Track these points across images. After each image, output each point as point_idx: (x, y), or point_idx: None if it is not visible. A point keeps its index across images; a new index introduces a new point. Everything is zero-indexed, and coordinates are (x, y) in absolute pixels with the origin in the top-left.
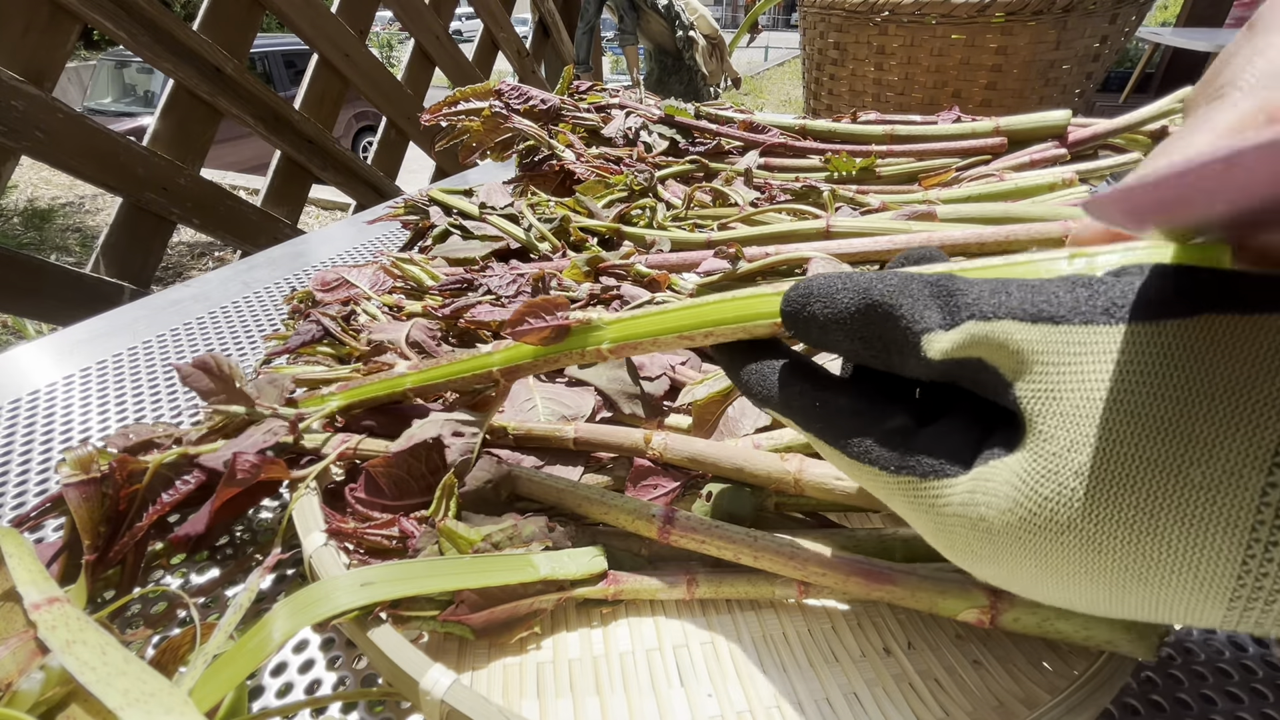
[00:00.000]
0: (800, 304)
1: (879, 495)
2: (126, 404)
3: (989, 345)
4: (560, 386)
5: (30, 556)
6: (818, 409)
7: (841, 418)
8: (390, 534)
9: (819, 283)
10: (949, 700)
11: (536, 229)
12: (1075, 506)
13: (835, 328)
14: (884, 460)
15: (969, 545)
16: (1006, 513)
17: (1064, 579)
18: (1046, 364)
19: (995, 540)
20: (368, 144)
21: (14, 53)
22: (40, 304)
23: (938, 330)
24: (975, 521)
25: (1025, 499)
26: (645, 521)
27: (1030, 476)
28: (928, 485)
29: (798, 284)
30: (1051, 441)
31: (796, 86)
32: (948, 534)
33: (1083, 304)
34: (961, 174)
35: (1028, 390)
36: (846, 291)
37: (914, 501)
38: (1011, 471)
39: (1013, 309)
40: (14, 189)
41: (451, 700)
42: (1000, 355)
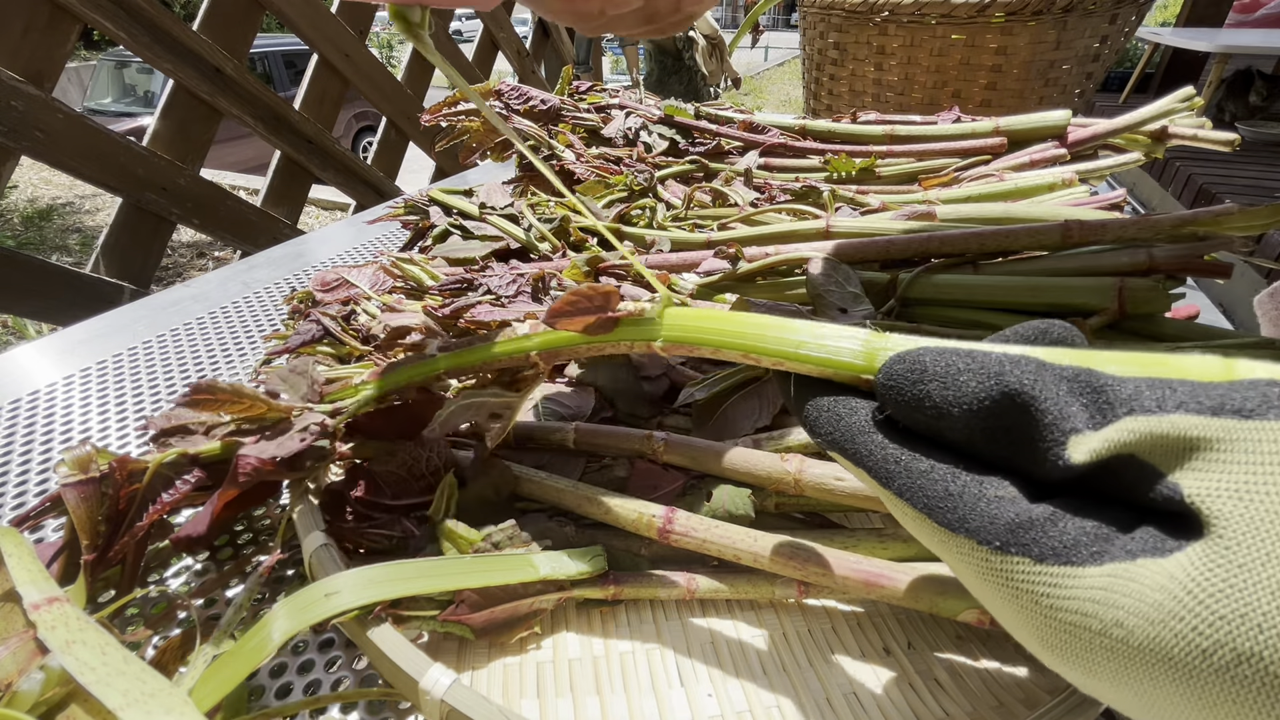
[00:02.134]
0: (909, 380)
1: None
2: (126, 404)
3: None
4: (560, 386)
5: (30, 556)
6: (901, 464)
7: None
8: (390, 534)
9: (933, 359)
10: (949, 700)
11: (536, 229)
12: (1265, 635)
13: (954, 415)
14: (986, 532)
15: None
16: (1157, 624)
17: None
18: (1233, 460)
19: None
20: (368, 144)
21: (14, 53)
22: (40, 304)
23: (1086, 431)
24: (1107, 627)
25: (1189, 613)
26: (646, 522)
27: (1204, 586)
28: (1043, 571)
29: (902, 355)
30: (1239, 549)
31: (796, 86)
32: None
33: (1275, 400)
34: (961, 174)
35: (1204, 485)
36: (972, 374)
37: (1017, 589)
38: (1171, 576)
39: (1183, 403)
40: (14, 189)
41: (452, 700)
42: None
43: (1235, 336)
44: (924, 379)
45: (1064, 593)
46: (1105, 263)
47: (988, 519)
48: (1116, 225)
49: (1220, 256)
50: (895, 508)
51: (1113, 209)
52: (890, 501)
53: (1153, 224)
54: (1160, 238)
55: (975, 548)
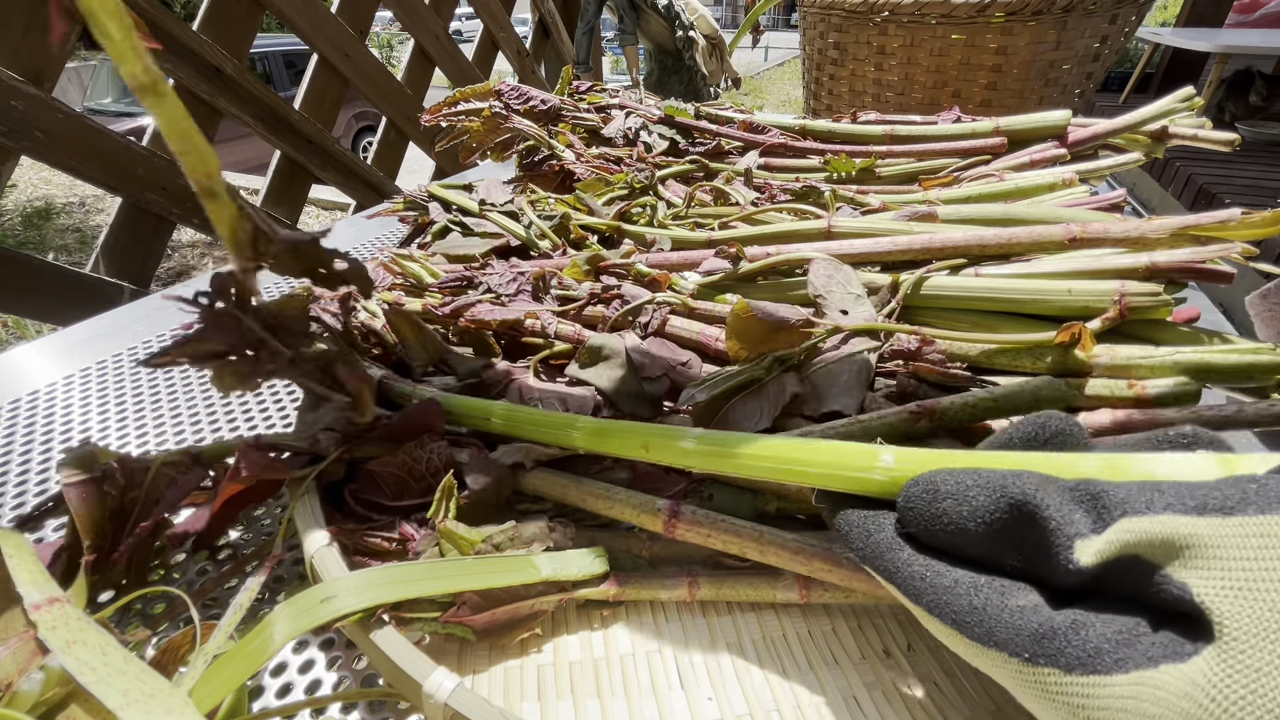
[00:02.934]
0: (926, 501)
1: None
2: (126, 404)
3: (1149, 542)
4: (561, 386)
5: (30, 557)
6: (927, 580)
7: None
8: (391, 535)
9: (944, 479)
10: (947, 704)
11: (537, 226)
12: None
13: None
14: (1015, 645)
15: None
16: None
17: None
18: (1223, 557)
19: None
20: (368, 144)
21: (14, 53)
22: (40, 304)
23: (1090, 535)
24: None
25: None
26: (651, 515)
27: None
28: (1073, 681)
29: (917, 479)
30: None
31: (796, 86)
32: None
33: (1252, 496)
34: (961, 174)
35: (1210, 587)
36: (981, 490)
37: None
38: (1194, 683)
39: (1170, 504)
40: (14, 189)
41: (455, 704)
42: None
43: (1233, 341)
44: (939, 498)
45: (1097, 701)
46: (1106, 265)
47: (1013, 630)
48: (1118, 231)
49: (1222, 262)
50: (927, 622)
51: (1113, 209)
52: (921, 616)
53: (1154, 229)
54: (1162, 244)
55: (1007, 659)
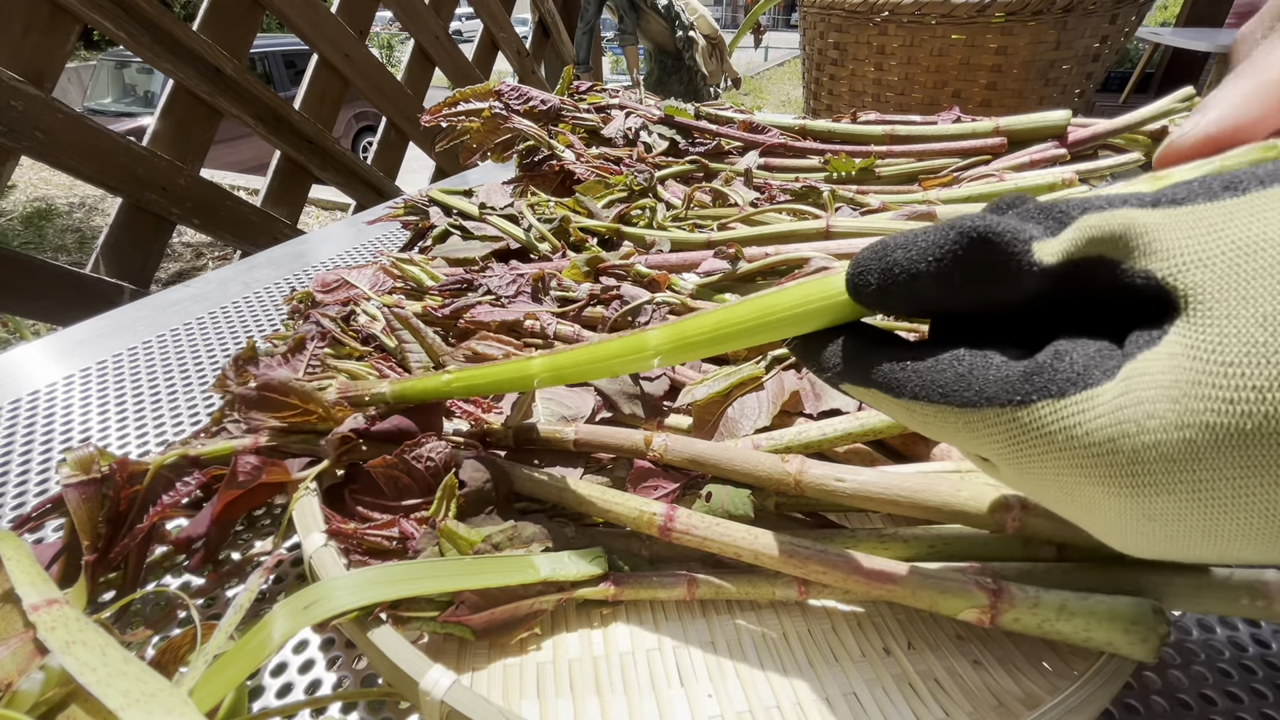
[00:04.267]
0: (876, 257)
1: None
2: (126, 404)
3: (1109, 237)
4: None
5: (29, 559)
6: (907, 369)
7: (941, 365)
8: (390, 535)
9: (894, 235)
10: (949, 700)
11: (536, 229)
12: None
13: (922, 273)
14: (1007, 393)
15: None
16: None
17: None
18: (1182, 239)
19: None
20: (368, 144)
21: (14, 53)
22: (40, 304)
23: (1046, 238)
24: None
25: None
26: (647, 520)
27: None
28: (1067, 404)
29: (866, 246)
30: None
31: (796, 86)
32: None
33: (1199, 187)
34: (961, 174)
35: (1171, 265)
36: (929, 232)
37: (1050, 439)
38: (1174, 355)
39: (1128, 200)
40: (14, 189)
41: (451, 701)
42: (1125, 246)
43: None
44: (887, 251)
45: (1094, 413)
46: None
47: (1003, 381)
48: None
49: None
50: (913, 417)
51: None
52: (906, 413)
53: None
54: None
55: (1000, 413)
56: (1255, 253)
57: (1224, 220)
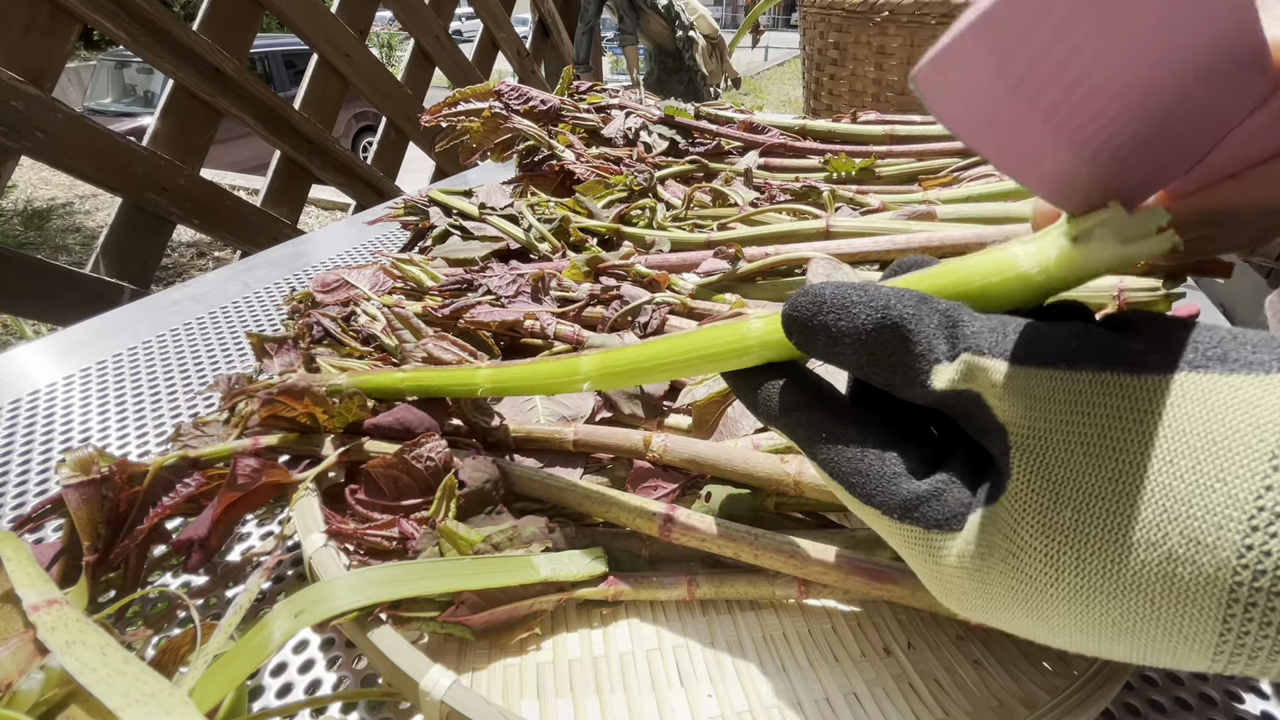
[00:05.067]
0: (810, 312)
1: (878, 530)
2: (126, 404)
3: (983, 382)
4: None
5: (29, 559)
6: (824, 441)
7: (847, 456)
8: (390, 535)
9: (831, 292)
10: (949, 700)
11: (536, 229)
12: (1063, 563)
13: (846, 342)
14: (888, 507)
15: (964, 595)
16: (998, 564)
17: (1057, 630)
18: (1032, 409)
19: (988, 592)
20: (368, 144)
21: (14, 53)
22: (40, 304)
23: (945, 361)
24: (970, 573)
25: (1015, 549)
26: (646, 519)
27: (1017, 529)
28: (930, 537)
29: (806, 290)
30: (1038, 494)
31: (796, 86)
32: (943, 583)
33: (1071, 349)
34: (961, 174)
35: (1015, 435)
36: (863, 306)
37: (914, 549)
38: (1001, 520)
39: (1006, 348)
40: (14, 189)
41: (451, 701)
42: (993, 394)
43: None
44: (822, 310)
45: (944, 551)
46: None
47: (888, 495)
48: None
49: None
50: (823, 477)
51: None
52: (815, 468)
53: None
54: None
55: (880, 516)
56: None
57: (1073, 401)
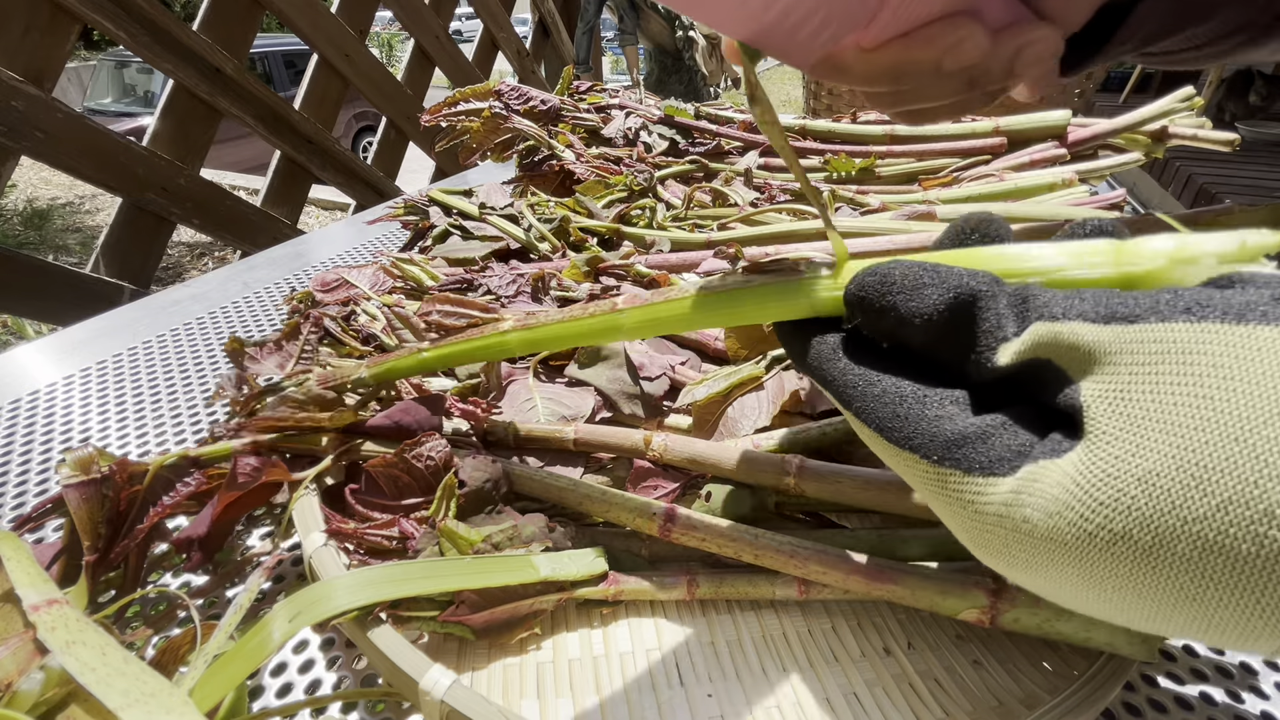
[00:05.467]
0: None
1: (912, 482)
2: (126, 404)
3: (1056, 346)
4: (560, 386)
5: (29, 559)
6: (859, 389)
7: (885, 399)
8: (390, 535)
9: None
10: (949, 700)
11: (536, 229)
12: (1134, 515)
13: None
14: (927, 449)
15: (1006, 548)
16: (1054, 515)
17: (1108, 592)
18: (1117, 364)
19: (1036, 546)
20: (368, 144)
21: (14, 53)
22: (40, 304)
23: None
24: (1018, 524)
25: (1077, 502)
26: (647, 519)
27: (1085, 479)
28: (970, 481)
29: (874, 270)
30: (1114, 443)
31: (796, 86)
32: (984, 534)
33: (1163, 304)
34: (961, 174)
35: (1093, 390)
36: (934, 288)
37: (950, 496)
38: (1064, 473)
39: (1084, 311)
40: (14, 189)
41: (451, 700)
42: (1068, 356)
43: None
44: (891, 290)
45: (986, 498)
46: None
47: (928, 436)
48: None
49: None
50: (855, 426)
51: (1113, 209)
52: (851, 421)
53: (1152, 226)
54: None
55: (917, 461)
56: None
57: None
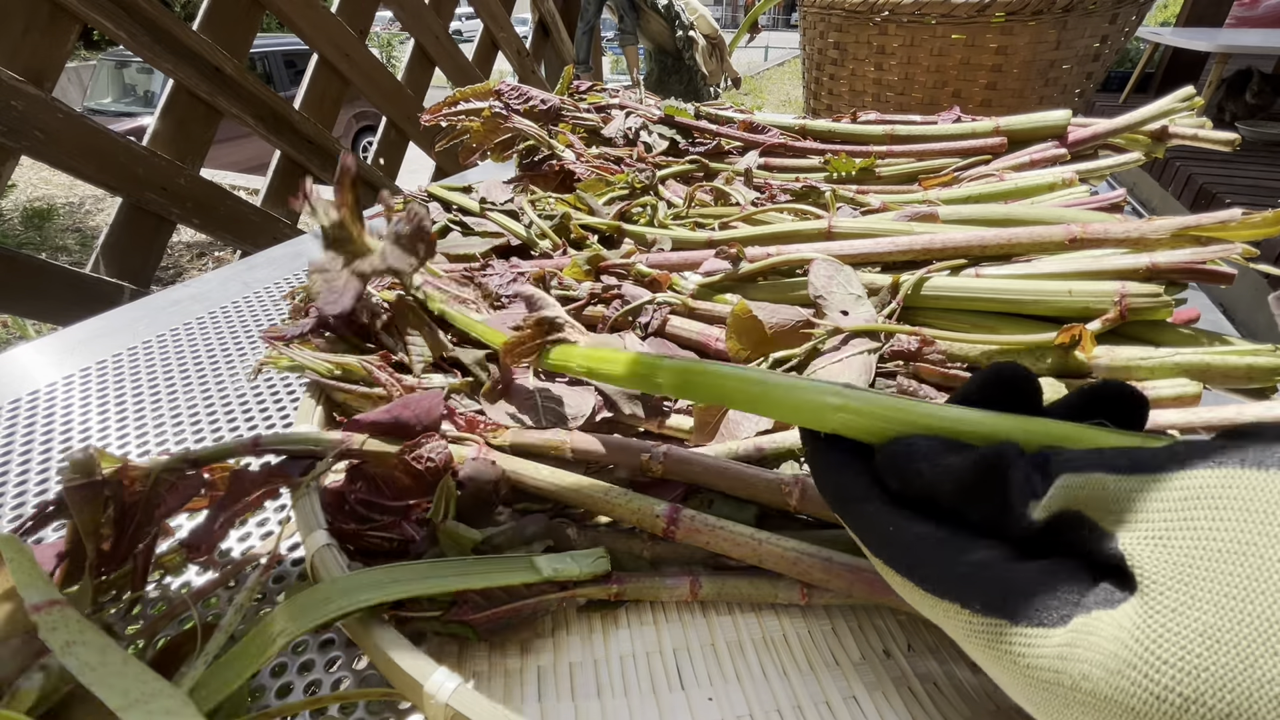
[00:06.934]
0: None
1: (952, 634)
2: (126, 404)
3: (1086, 497)
4: (561, 385)
5: (30, 561)
6: (890, 533)
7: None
8: (391, 536)
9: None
10: (947, 704)
11: (537, 226)
12: (1203, 677)
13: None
14: (968, 597)
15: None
16: (1116, 675)
17: None
18: (1150, 511)
19: (1098, 707)
20: (368, 144)
21: (14, 53)
22: (40, 304)
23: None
24: (1076, 681)
25: (1139, 660)
26: (650, 519)
27: (1145, 634)
28: (1018, 633)
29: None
30: (1168, 593)
31: (796, 86)
32: (1037, 691)
33: (1180, 454)
34: (961, 174)
35: (1133, 538)
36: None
37: (996, 649)
38: (1120, 626)
39: (1105, 462)
40: (14, 189)
41: (456, 704)
42: (1099, 507)
43: (1232, 343)
44: (915, 459)
45: (1038, 651)
46: (1107, 266)
47: (972, 584)
48: (1119, 232)
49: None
50: (884, 572)
51: (1113, 209)
52: (880, 567)
53: (1154, 230)
54: (1162, 244)
55: (958, 611)
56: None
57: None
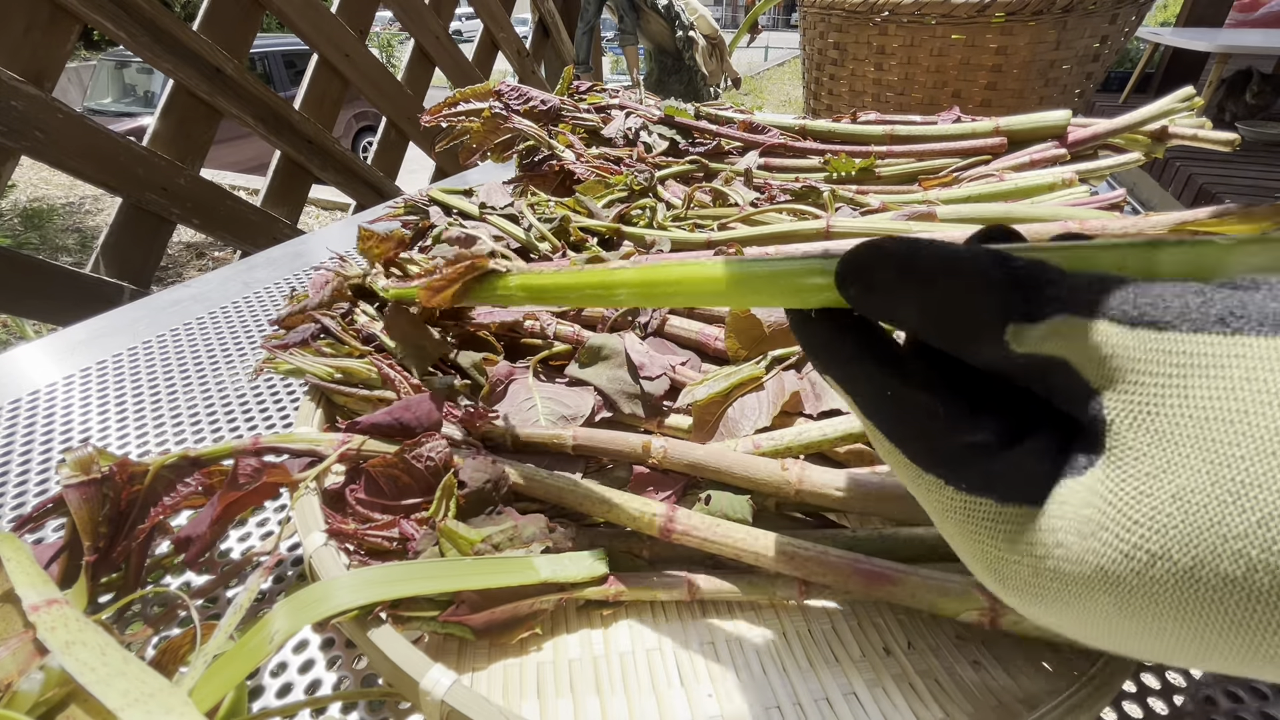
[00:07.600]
0: (868, 262)
1: (930, 509)
2: (126, 404)
3: (1078, 346)
4: (560, 386)
5: (29, 560)
6: (887, 399)
7: (913, 416)
8: (390, 535)
9: (893, 243)
10: (949, 701)
11: (536, 229)
12: (1171, 534)
13: (907, 297)
14: (957, 477)
15: (1035, 578)
16: (1089, 536)
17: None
18: (1142, 373)
19: (1069, 572)
20: (368, 144)
21: (14, 53)
22: (40, 304)
23: (1024, 322)
24: (1050, 549)
25: (1111, 521)
26: (648, 520)
27: (1117, 496)
28: (1005, 513)
29: (866, 242)
30: (1143, 460)
31: (796, 86)
32: (1008, 569)
33: (1193, 310)
34: (961, 174)
35: (1117, 402)
36: (929, 258)
37: (980, 528)
38: (1091, 490)
39: (1111, 308)
40: (14, 189)
41: (452, 701)
42: (1090, 361)
43: None
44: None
45: (1020, 529)
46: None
47: (963, 463)
48: (1117, 229)
49: None
50: (873, 437)
51: (1112, 209)
52: (870, 432)
53: (1151, 226)
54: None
55: (942, 488)
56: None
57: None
